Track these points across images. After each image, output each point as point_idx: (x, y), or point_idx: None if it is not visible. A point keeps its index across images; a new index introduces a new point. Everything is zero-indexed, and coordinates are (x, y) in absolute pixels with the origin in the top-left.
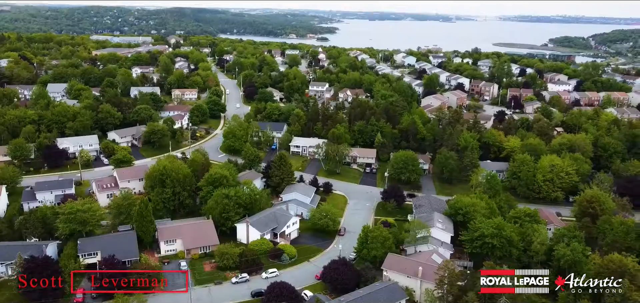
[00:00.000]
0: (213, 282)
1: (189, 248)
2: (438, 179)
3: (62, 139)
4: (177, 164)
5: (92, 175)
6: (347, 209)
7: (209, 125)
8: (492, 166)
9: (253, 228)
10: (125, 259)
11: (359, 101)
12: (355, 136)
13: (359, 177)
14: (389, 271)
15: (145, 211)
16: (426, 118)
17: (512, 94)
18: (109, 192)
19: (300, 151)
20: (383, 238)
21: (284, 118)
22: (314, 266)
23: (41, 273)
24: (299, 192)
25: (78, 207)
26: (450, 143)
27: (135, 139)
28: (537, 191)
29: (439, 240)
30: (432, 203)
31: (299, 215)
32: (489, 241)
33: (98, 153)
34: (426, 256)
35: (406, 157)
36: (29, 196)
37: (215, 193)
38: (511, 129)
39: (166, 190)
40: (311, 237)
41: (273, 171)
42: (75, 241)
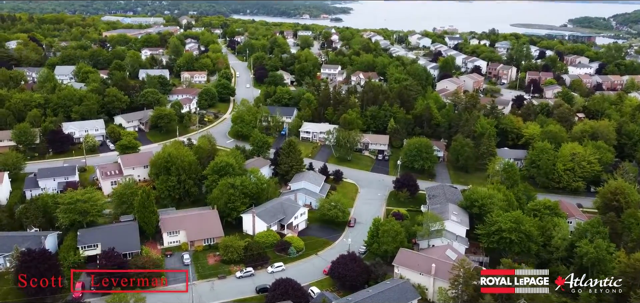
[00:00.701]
0: (216, 276)
1: (193, 240)
2: (453, 168)
3: (68, 124)
4: (182, 151)
5: (98, 161)
6: (358, 198)
7: (217, 109)
8: (510, 154)
9: (259, 219)
10: (126, 251)
11: (371, 85)
12: (368, 121)
13: (371, 165)
14: (400, 267)
15: (147, 201)
16: (441, 102)
17: (531, 77)
18: (113, 179)
19: (310, 137)
20: (394, 232)
21: (294, 103)
22: (322, 260)
23: (38, 267)
24: (308, 181)
25: (78, 197)
26: (466, 129)
27: (142, 123)
28: (557, 181)
29: (453, 234)
30: (446, 194)
31: (308, 204)
32: (507, 236)
33: (104, 138)
34: (440, 252)
35: (420, 144)
36: (31, 183)
37: (221, 182)
38: (530, 115)
39: (171, 178)
40: (320, 228)
41: (281, 159)
42: (75, 232)
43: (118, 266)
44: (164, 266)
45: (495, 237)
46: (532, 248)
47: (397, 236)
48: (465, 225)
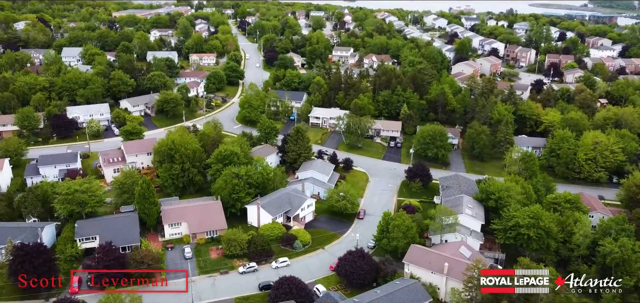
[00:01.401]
0: (218, 271)
1: (195, 232)
2: (468, 156)
3: (72, 108)
4: (186, 138)
5: (102, 146)
6: (368, 188)
7: (226, 93)
8: (528, 142)
9: (264, 211)
10: (125, 244)
11: (384, 69)
12: (380, 106)
13: (382, 152)
14: (410, 265)
15: (147, 192)
16: (457, 87)
17: (551, 60)
18: (116, 167)
19: (320, 123)
20: (405, 227)
21: (304, 87)
22: (329, 254)
23: (31, 262)
24: (316, 170)
25: (76, 187)
26: (482, 115)
27: (148, 108)
28: (577, 171)
29: (467, 228)
30: (461, 184)
31: (316, 194)
32: (525, 232)
33: (109, 123)
34: (453, 248)
35: (434, 131)
36: (32, 170)
37: (225, 171)
38: (550, 101)
39: (174, 166)
40: (327, 221)
41: (289, 146)
42: (73, 224)
43: (115, 260)
44: (165, 260)
45: (513, 233)
46: (551, 245)
47: (408, 232)
48: (481, 219)
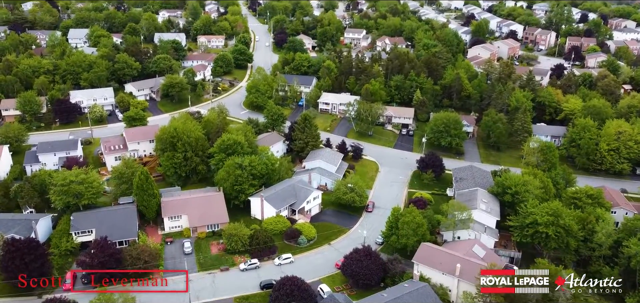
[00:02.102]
0: (219, 268)
1: (195, 226)
2: (483, 145)
3: (75, 92)
4: (189, 126)
5: (105, 132)
6: (378, 179)
7: (234, 76)
8: (547, 131)
9: (268, 204)
10: (122, 239)
11: (397, 52)
12: (392, 92)
13: (394, 140)
14: (420, 265)
15: (146, 183)
16: (473, 72)
17: (572, 43)
18: (117, 154)
19: (329, 109)
20: (415, 224)
21: (313, 71)
22: (335, 251)
23: (22, 258)
24: (323, 159)
25: (71, 178)
26: (499, 102)
27: (153, 92)
28: (598, 162)
29: (482, 225)
30: (475, 176)
31: (323, 185)
32: (543, 230)
33: (113, 108)
34: (466, 247)
35: (448, 119)
36: (31, 157)
37: (227, 162)
38: (571, 87)
39: (177, 155)
40: (334, 214)
41: (296, 134)
42: (70, 215)
43: (110, 257)
44: (164, 255)
45: (530, 231)
46: (570, 244)
47: (419, 229)
48: (496, 215)
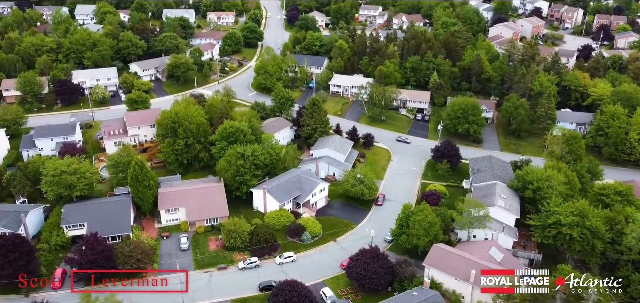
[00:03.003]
0: (216, 266)
1: (194, 220)
2: (503, 132)
3: (78, 72)
4: (191, 111)
5: (108, 115)
6: (390, 168)
7: (243, 56)
8: (572, 118)
9: (271, 197)
10: (115, 233)
11: (414, 32)
12: (407, 74)
13: (408, 126)
14: (432, 269)
15: (141, 174)
16: (494, 52)
17: (600, 22)
18: (117, 139)
19: (341, 92)
20: (428, 223)
21: (325, 51)
22: (341, 249)
23: (7, 255)
24: (332, 147)
25: (63, 168)
26: (521, 86)
27: (158, 72)
28: (628, 153)
29: (500, 223)
30: (494, 168)
31: (331, 175)
32: (567, 232)
33: (117, 89)
34: (482, 249)
35: (466, 104)
36: (28, 142)
37: (228, 151)
38: (599, 70)
39: (178, 141)
40: (342, 207)
41: (304, 120)
42: (62, 207)
43: (100, 255)
44: (159, 251)
45: (552, 232)
46: (596, 247)
47: (431, 229)
48: (515, 212)
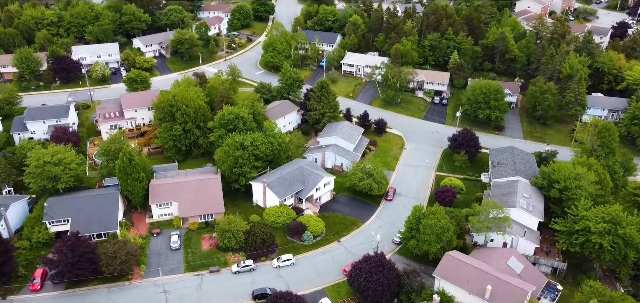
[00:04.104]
0: (208, 268)
1: (186, 216)
2: (527, 118)
3: (77, 48)
4: (190, 93)
5: (108, 94)
6: (402, 158)
7: (252, 30)
8: (604, 103)
9: (271, 191)
10: (100, 230)
11: (434, 6)
12: (425, 52)
13: (424, 110)
14: (442, 281)
15: (129, 167)
16: (520, 29)
17: None
18: (113, 123)
19: (353, 72)
20: (440, 228)
21: (338, 26)
22: (345, 251)
23: None
24: (340, 135)
25: (46, 158)
26: (549, 68)
27: (162, 48)
28: None
29: (521, 226)
30: (516, 161)
31: (338, 166)
32: (596, 240)
33: (118, 65)
34: (500, 259)
35: (488, 88)
36: (19, 125)
37: (226, 141)
38: (635, 50)
39: (175, 126)
40: (348, 202)
41: (311, 103)
42: (46, 200)
43: (81, 257)
44: (148, 250)
45: (580, 239)
46: (629, 256)
47: (443, 235)
48: (538, 215)
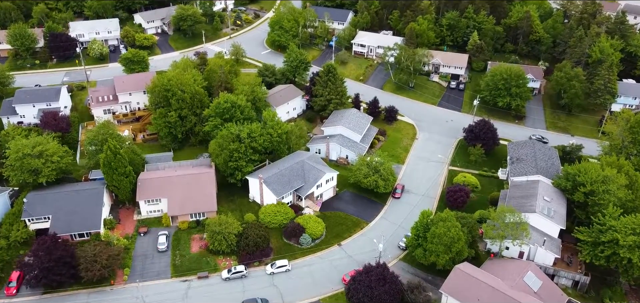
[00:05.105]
0: (196, 273)
1: (176, 214)
2: (551, 105)
3: (75, 24)
4: (186, 78)
5: (106, 74)
6: (413, 150)
7: (260, 6)
8: (636, 91)
9: (268, 189)
10: (83, 230)
11: None
12: (443, 32)
13: (439, 95)
14: (450, 298)
15: (114, 161)
16: (547, 8)
17: None
18: (106, 107)
19: (365, 52)
20: (450, 238)
21: (351, 2)
22: (346, 255)
23: None
24: (347, 125)
25: (26, 150)
26: (577, 52)
27: (165, 24)
28: None
29: (540, 233)
30: (537, 156)
31: (343, 158)
32: (625, 255)
33: (118, 43)
34: (516, 274)
35: (509, 73)
36: (8, 109)
37: (221, 133)
38: None
39: (171, 113)
40: (352, 199)
41: (317, 89)
42: (25, 195)
43: (58, 261)
44: (133, 251)
45: (606, 251)
46: None
47: (453, 245)
48: (560, 222)
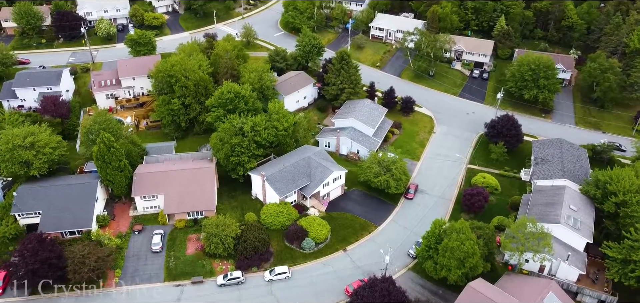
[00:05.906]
0: (190, 277)
1: (172, 212)
2: (581, 98)
3: (83, 2)
4: (191, 63)
5: (113, 54)
6: (430, 146)
7: None
8: None
9: (270, 187)
10: (74, 228)
11: None
12: (468, 16)
13: (461, 84)
14: None
15: (108, 154)
16: None
17: None
18: (109, 92)
19: (383, 36)
20: (464, 253)
21: None
22: (351, 263)
23: None
24: (359, 117)
25: (17, 141)
26: (613, 40)
27: (176, 3)
28: None
29: (565, 246)
30: (564, 157)
31: (354, 153)
32: None
33: (127, 22)
34: (535, 295)
35: (538, 63)
36: (9, 92)
37: (222, 126)
38: None
39: (174, 100)
40: (361, 199)
41: (329, 77)
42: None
43: (44, 262)
44: (126, 251)
45: (638, 271)
46: None
47: (468, 261)
48: (587, 235)
